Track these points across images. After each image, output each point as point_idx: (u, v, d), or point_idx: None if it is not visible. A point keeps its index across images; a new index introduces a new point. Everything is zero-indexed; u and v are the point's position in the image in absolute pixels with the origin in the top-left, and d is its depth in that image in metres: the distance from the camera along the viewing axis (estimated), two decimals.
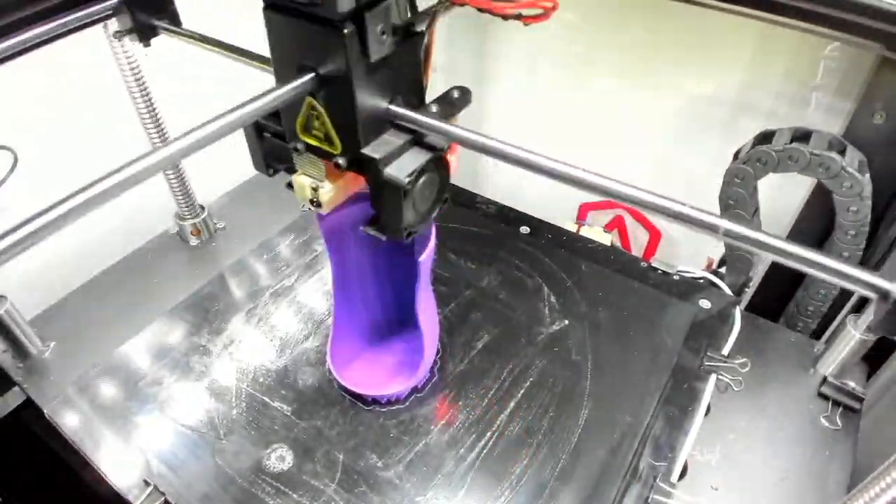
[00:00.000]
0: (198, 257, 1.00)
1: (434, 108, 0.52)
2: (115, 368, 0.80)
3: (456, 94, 0.54)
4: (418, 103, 0.52)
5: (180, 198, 0.98)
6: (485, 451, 0.70)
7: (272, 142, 0.55)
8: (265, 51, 0.50)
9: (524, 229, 1.00)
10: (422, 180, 0.49)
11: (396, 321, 0.81)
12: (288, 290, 0.90)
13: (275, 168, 0.58)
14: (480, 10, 0.46)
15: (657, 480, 0.67)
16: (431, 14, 0.48)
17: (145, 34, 0.73)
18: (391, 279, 0.79)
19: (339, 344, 0.77)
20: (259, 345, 0.82)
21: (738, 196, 0.85)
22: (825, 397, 0.78)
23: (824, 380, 0.79)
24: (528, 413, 0.74)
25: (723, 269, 0.96)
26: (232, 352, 0.81)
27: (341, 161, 0.49)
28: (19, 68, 0.65)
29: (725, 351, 0.81)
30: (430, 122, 0.48)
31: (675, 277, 0.91)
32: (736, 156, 0.87)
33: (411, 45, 0.48)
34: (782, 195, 1.02)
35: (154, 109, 0.86)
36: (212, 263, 0.96)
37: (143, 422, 0.73)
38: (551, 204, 1.23)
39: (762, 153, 0.81)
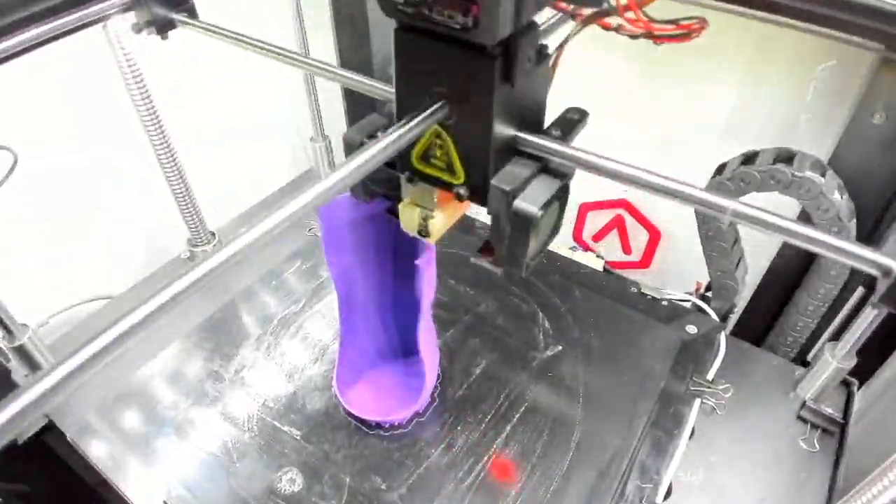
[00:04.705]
0: (209, 283, 1.04)
1: (556, 132, 0.49)
2: (134, 393, 0.84)
3: (574, 115, 0.50)
4: (539, 128, 0.50)
5: (192, 226, 1.02)
6: (482, 474, 0.74)
7: (379, 168, 0.51)
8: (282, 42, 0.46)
9: None
10: (548, 210, 0.46)
11: (399, 349, 0.86)
12: (295, 316, 0.94)
13: (374, 193, 0.56)
14: (634, 37, 0.43)
15: (643, 501, 0.71)
16: (565, 37, 0.46)
17: (163, 27, 0.73)
18: (394, 308, 0.84)
19: (345, 370, 0.81)
20: (269, 370, 0.87)
21: (714, 228, 0.90)
22: (804, 420, 0.83)
23: (804, 404, 0.83)
24: (523, 437, 0.78)
25: (710, 294, 1.01)
26: (244, 377, 0.86)
27: (463, 191, 0.47)
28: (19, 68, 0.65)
29: (710, 375, 0.86)
30: (559, 149, 0.46)
31: (663, 303, 0.96)
32: None
33: (542, 68, 0.46)
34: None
35: (153, 108, 0.87)
36: (222, 289, 1.01)
37: (160, 445, 0.78)
38: None
39: (717, 184, 0.86)
